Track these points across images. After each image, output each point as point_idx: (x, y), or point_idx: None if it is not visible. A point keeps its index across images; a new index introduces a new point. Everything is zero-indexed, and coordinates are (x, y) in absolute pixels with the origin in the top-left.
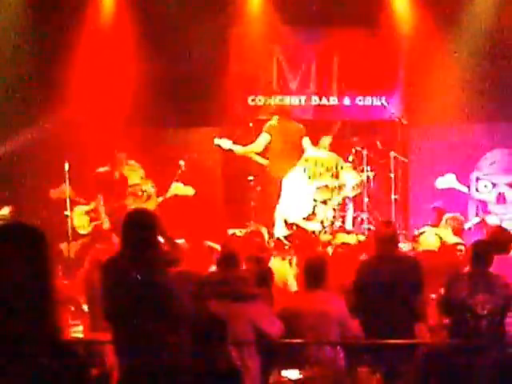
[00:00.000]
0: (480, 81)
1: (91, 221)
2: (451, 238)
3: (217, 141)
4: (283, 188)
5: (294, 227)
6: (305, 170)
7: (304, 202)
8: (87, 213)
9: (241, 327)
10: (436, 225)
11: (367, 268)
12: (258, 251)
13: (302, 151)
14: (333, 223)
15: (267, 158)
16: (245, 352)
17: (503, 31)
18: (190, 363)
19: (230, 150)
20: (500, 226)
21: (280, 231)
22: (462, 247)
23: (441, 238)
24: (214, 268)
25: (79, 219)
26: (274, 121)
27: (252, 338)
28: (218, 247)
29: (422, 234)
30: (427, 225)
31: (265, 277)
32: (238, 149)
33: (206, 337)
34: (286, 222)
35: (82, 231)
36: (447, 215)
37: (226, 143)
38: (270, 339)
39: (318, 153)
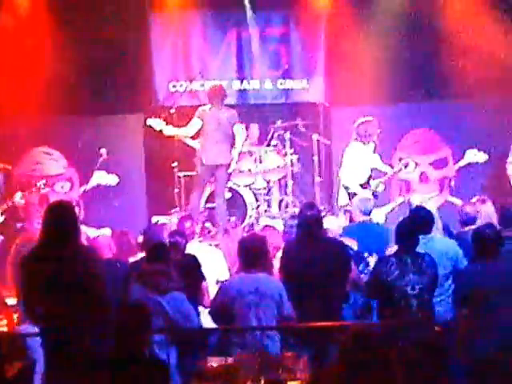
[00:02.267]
0: (400, 61)
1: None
2: (361, 218)
3: (149, 121)
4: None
5: None
6: None
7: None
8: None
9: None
10: None
11: (292, 250)
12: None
13: (234, 138)
14: (258, 207)
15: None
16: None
17: (420, 10)
18: (113, 353)
19: (161, 131)
20: (422, 206)
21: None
22: None
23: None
24: (140, 256)
25: None
26: (207, 106)
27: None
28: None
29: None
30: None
31: (188, 266)
32: (170, 130)
33: (130, 326)
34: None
35: None
36: (357, 197)
37: (158, 124)
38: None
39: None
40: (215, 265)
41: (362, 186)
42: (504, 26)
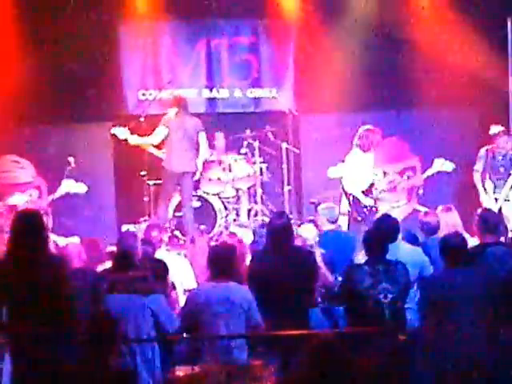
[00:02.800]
0: (369, 71)
1: None
2: (327, 227)
3: (113, 130)
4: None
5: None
6: None
7: None
8: None
9: (137, 319)
10: None
11: (260, 259)
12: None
13: (198, 145)
14: (227, 215)
15: (162, 151)
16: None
17: (388, 20)
18: (80, 365)
19: (126, 140)
20: (388, 215)
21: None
22: None
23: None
24: (108, 264)
25: None
26: (172, 114)
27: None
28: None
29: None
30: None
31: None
32: (134, 139)
33: (98, 337)
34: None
35: None
36: (321, 205)
37: (122, 133)
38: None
39: None
40: (182, 274)
41: (363, 192)
42: (473, 37)
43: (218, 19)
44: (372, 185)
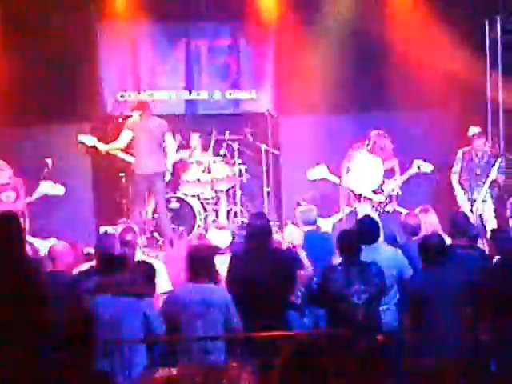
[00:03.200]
0: (348, 72)
1: None
2: (304, 228)
3: (80, 137)
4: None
5: None
6: None
7: None
8: None
9: (129, 323)
10: None
11: (239, 260)
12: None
13: (165, 147)
14: (206, 217)
15: (131, 155)
16: (133, 349)
17: (365, 22)
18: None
19: (94, 147)
20: (368, 216)
21: None
22: None
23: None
24: (84, 266)
25: None
26: (136, 117)
27: (138, 334)
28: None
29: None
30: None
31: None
32: (102, 146)
33: (74, 339)
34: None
35: None
36: (299, 208)
37: (89, 140)
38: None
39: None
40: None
41: (374, 192)
42: (450, 39)
43: (198, 21)
44: (382, 183)
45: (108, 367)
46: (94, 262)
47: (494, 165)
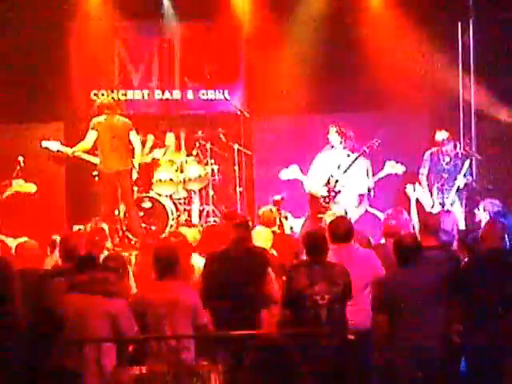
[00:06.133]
0: (319, 73)
1: None
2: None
3: (44, 143)
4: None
5: None
6: None
7: None
8: None
9: (98, 322)
10: None
11: (214, 260)
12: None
13: (131, 145)
14: (179, 216)
15: (96, 156)
16: (101, 349)
17: (338, 24)
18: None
19: (59, 152)
20: (340, 216)
21: None
22: None
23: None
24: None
25: None
26: (101, 117)
27: (108, 334)
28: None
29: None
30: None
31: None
32: (67, 150)
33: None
34: None
35: None
36: (262, 208)
37: (53, 145)
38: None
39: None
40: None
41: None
42: (425, 44)
43: (171, 20)
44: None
45: (76, 366)
46: (59, 261)
47: (461, 168)
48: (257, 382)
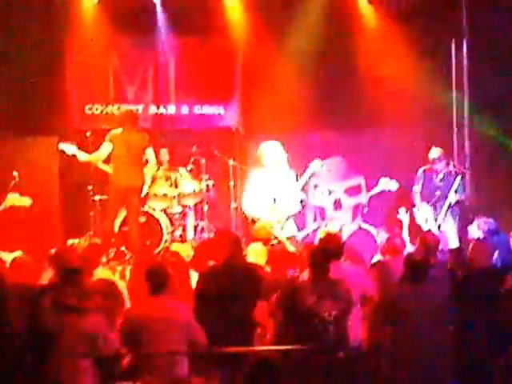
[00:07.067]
0: (315, 91)
1: None
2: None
3: (61, 145)
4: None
5: None
6: None
7: None
8: None
9: (74, 340)
10: None
11: (209, 276)
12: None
13: (146, 161)
14: (173, 231)
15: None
16: (78, 366)
17: (333, 41)
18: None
19: (74, 156)
20: (330, 234)
21: None
22: None
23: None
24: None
25: None
26: (118, 130)
27: (84, 351)
28: None
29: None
30: None
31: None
32: (82, 156)
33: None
34: None
35: None
36: (256, 224)
37: (70, 148)
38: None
39: None
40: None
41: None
42: (418, 61)
43: (166, 35)
44: None
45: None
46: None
47: (452, 185)
48: None
